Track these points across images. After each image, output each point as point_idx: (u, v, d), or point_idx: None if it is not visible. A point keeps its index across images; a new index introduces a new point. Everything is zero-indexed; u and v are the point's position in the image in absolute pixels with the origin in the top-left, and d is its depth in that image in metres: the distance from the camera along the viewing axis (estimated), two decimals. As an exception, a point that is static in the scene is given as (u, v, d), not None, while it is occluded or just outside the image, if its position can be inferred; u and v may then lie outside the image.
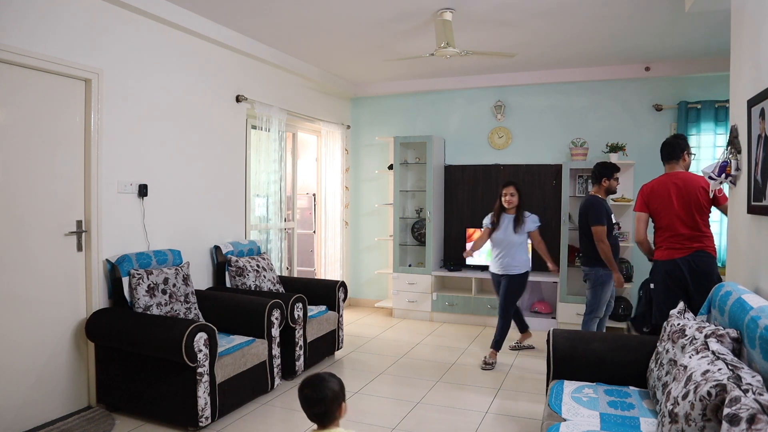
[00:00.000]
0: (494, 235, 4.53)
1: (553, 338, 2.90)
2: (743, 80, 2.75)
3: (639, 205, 3.74)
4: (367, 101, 6.86)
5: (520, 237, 4.47)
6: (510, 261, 4.48)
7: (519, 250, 4.48)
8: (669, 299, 3.40)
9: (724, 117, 5.31)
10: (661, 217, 3.59)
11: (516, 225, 4.46)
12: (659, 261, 3.58)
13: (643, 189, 3.73)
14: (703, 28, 4.35)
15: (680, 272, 3.46)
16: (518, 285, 4.51)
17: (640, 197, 3.74)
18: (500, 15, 4.11)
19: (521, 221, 4.48)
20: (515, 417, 3.45)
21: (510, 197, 4.48)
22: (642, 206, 3.71)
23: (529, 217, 4.53)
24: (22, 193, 3.09)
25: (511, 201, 4.49)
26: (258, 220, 5.17)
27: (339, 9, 4.01)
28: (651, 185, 3.69)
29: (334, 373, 1.94)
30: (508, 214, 4.52)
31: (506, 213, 4.52)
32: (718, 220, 5.39)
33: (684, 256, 3.48)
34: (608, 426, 2.20)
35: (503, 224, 4.49)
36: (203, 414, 3.09)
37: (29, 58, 3.03)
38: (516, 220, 4.47)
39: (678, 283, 3.47)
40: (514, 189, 4.49)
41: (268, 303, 3.71)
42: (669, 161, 3.71)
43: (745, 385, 1.58)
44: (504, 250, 4.50)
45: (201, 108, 4.35)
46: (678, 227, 3.51)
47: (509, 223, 4.49)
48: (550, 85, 5.99)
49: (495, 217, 4.56)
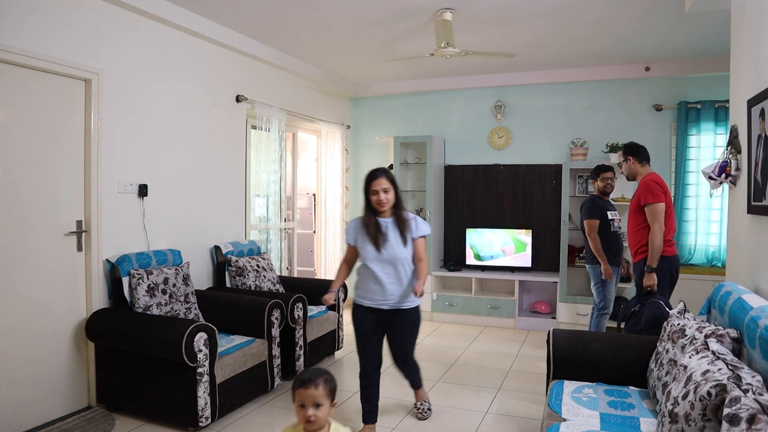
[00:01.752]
0: (367, 252, 3.00)
1: (553, 338, 2.90)
2: (743, 80, 2.75)
3: (659, 194, 3.61)
4: (367, 101, 6.86)
5: (409, 250, 3.03)
6: (402, 289, 3.00)
7: (410, 269, 3.04)
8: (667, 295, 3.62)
9: (724, 117, 5.31)
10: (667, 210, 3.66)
11: (403, 231, 2.99)
12: (665, 257, 3.63)
13: (657, 179, 3.67)
14: (703, 28, 4.35)
15: (677, 269, 3.69)
16: (418, 322, 3.18)
17: (658, 186, 3.63)
18: (500, 15, 4.11)
19: (406, 225, 3.02)
20: (515, 417, 3.45)
21: (383, 195, 2.94)
22: (663, 196, 3.63)
23: (415, 219, 3.09)
24: (22, 193, 3.09)
25: (385, 200, 2.95)
26: (258, 220, 5.16)
27: (339, 9, 4.01)
28: (658, 177, 3.73)
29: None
30: (384, 218, 3.02)
31: (381, 217, 3.01)
32: (718, 220, 5.40)
33: (676, 255, 3.72)
34: (608, 426, 2.20)
35: (382, 234, 2.99)
36: (203, 414, 3.09)
37: (29, 58, 3.03)
38: (399, 225, 3.00)
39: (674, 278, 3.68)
40: (387, 181, 2.96)
41: (268, 303, 3.71)
42: (649, 162, 3.86)
43: (745, 385, 1.58)
44: (389, 273, 2.99)
45: (201, 108, 4.34)
46: (674, 224, 3.72)
47: (391, 232, 2.99)
48: (550, 85, 5.99)
49: (368, 227, 3.00)
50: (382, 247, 2.95)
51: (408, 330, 3.15)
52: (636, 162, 3.82)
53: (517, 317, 5.77)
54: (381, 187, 2.93)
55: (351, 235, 3.08)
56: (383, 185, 2.93)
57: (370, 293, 3.03)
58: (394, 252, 2.96)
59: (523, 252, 5.90)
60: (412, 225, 3.03)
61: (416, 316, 3.16)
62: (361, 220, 3.05)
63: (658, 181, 3.66)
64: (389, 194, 2.95)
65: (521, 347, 5.03)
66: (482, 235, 6.05)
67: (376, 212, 2.99)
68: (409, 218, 3.05)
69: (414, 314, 3.13)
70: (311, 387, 1.87)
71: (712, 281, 4.90)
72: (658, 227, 3.55)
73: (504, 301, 5.81)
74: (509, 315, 5.79)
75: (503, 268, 5.98)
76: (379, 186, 2.93)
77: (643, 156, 3.82)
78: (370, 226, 2.98)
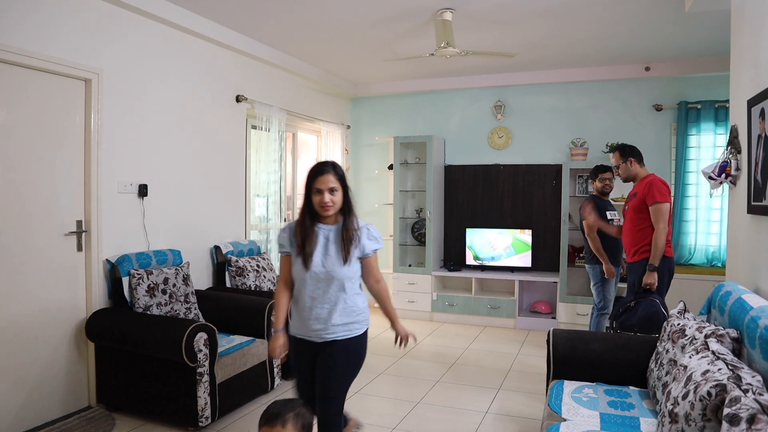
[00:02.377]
0: (296, 266, 2.35)
1: (553, 338, 2.90)
2: (743, 80, 2.75)
3: (667, 195, 3.64)
4: (367, 101, 6.86)
5: (354, 268, 2.36)
6: (338, 315, 2.31)
7: (351, 291, 2.36)
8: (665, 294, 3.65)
9: (724, 117, 5.31)
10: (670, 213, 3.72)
11: (347, 245, 2.33)
12: (666, 257, 3.65)
13: (662, 180, 3.71)
14: (703, 28, 4.35)
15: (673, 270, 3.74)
16: (359, 357, 2.40)
17: (666, 186, 3.68)
18: (500, 15, 4.11)
19: (353, 237, 2.35)
20: (515, 417, 3.45)
21: (328, 196, 2.31)
22: (670, 196, 3.67)
23: (367, 229, 2.41)
24: (22, 193, 3.09)
25: (330, 203, 2.31)
26: (258, 220, 5.17)
27: (339, 9, 4.01)
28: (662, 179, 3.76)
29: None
30: (326, 224, 2.38)
31: (322, 223, 2.38)
32: (718, 220, 5.40)
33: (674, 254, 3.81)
34: (608, 426, 2.20)
35: (319, 244, 2.34)
36: (203, 414, 3.09)
37: (30, 58, 3.03)
38: (344, 236, 2.34)
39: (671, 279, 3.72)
40: (336, 179, 2.33)
41: (268, 303, 3.71)
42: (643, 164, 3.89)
43: (745, 385, 1.58)
44: (317, 297, 2.32)
45: (201, 108, 4.34)
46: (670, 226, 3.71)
47: (332, 243, 2.35)
48: (551, 85, 5.99)
49: (300, 234, 2.35)
50: (312, 262, 2.28)
51: (338, 368, 2.31)
52: (636, 163, 3.84)
53: (517, 317, 5.77)
54: (327, 186, 2.28)
55: (284, 243, 2.38)
56: (330, 183, 2.28)
57: (297, 321, 2.37)
58: (331, 268, 2.28)
59: (524, 252, 5.90)
60: (361, 238, 2.34)
61: (355, 349, 2.35)
62: (295, 225, 2.38)
63: (665, 182, 3.70)
64: (336, 195, 2.30)
65: (521, 347, 5.03)
66: (482, 235, 6.05)
67: (317, 217, 2.34)
68: (359, 228, 2.36)
69: (350, 347, 2.33)
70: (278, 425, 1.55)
71: (712, 281, 4.90)
72: (663, 227, 3.55)
73: (504, 301, 5.81)
74: (509, 315, 5.79)
75: (503, 268, 5.98)
76: (324, 184, 2.28)
77: (641, 157, 3.87)
78: (300, 234, 2.32)
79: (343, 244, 2.32)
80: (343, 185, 2.35)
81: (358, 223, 2.38)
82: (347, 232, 2.33)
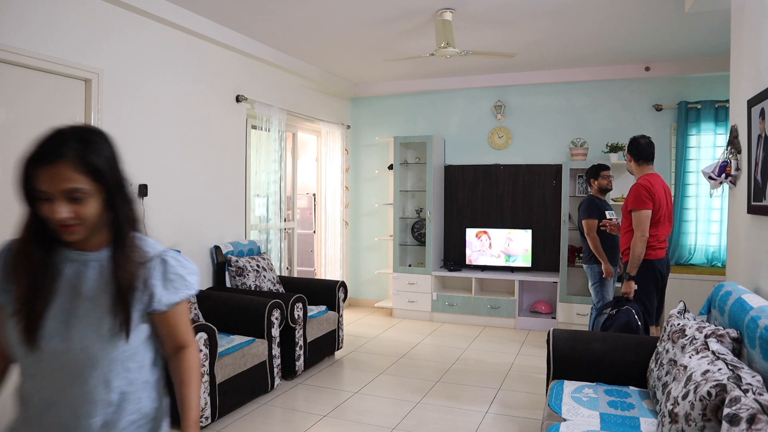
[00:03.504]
0: (10, 336, 1.19)
1: (553, 338, 2.90)
2: (743, 80, 2.75)
3: (646, 201, 3.44)
4: (367, 101, 6.86)
5: (133, 340, 1.23)
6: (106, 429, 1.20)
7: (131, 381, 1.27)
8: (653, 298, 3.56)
9: (724, 117, 5.31)
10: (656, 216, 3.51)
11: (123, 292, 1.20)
12: (648, 260, 3.49)
13: (645, 184, 3.49)
14: (703, 28, 4.35)
15: (664, 271, 3.61)
16: None
17: (645, 192, 3.45)
18: (500, 15, 4.11)
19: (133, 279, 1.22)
20: (515, 417, 3.45)
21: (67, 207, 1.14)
22: (650, 203, 3.46)
23: (163, 260, 1.30)
24: (22, 193, 3.09)
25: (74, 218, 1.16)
26: (258, 220, 5.17)
27: (339, 9, 4.01)
28: (649, 181, 3.51)
29: None
30: (79, 252, 1.24)
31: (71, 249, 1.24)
32: (718, 220, 5.40)
33: (665, 256, 3.63)
34: (608, 426, 2.20)
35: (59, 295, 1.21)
36: (203, 414, 3.09)
37: (30, 58, 3.03)
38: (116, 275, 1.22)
39: (661, 281, 3.61)
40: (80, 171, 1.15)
41: (268, 303, 3.71)
42: (650, 162, 3.62)
43: (745, 385, 1.58)
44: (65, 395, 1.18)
45: (201, 108, 4.34)
46: (666, 228, 3.59)
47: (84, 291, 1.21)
48: (550, 85, 5.99)
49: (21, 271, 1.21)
50: (43, 332, 1.17)
51: None
52: (633, 161, 3.61)
53: (517, 317, 5.77)
54: (58, 187, 1.15)
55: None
56: (66, 182, 1.15)
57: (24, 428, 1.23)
58: (84, 346, 1.17)
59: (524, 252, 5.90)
60: (150, 279, 1.26)
61: None
62: (12, 253, 1.27)
63: (647, 187, 3.46)
64: (87, 205, 1.17)
65: (521, 347, 5.03)
66: (482, 235, 6.05)
67: (55, 238, 1.22)
68: (148, 258, 1.28)
69: None
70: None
71: (712, 281, 4.90)
72: (640, 235, 3.41)
73: (504, 301, 5.81)
74: (509, 315, 5.79)
75: (503, 268, 5.98)
76: (53, 183, 1.15)
77: (640, 154, 3.59)
78: (24, 272, 1.21)
79: (115, 290, 1.20)
80: (106, 180, 1.21)
81: (148, 245, 1.30)
82: (121, 269, 1.22)
